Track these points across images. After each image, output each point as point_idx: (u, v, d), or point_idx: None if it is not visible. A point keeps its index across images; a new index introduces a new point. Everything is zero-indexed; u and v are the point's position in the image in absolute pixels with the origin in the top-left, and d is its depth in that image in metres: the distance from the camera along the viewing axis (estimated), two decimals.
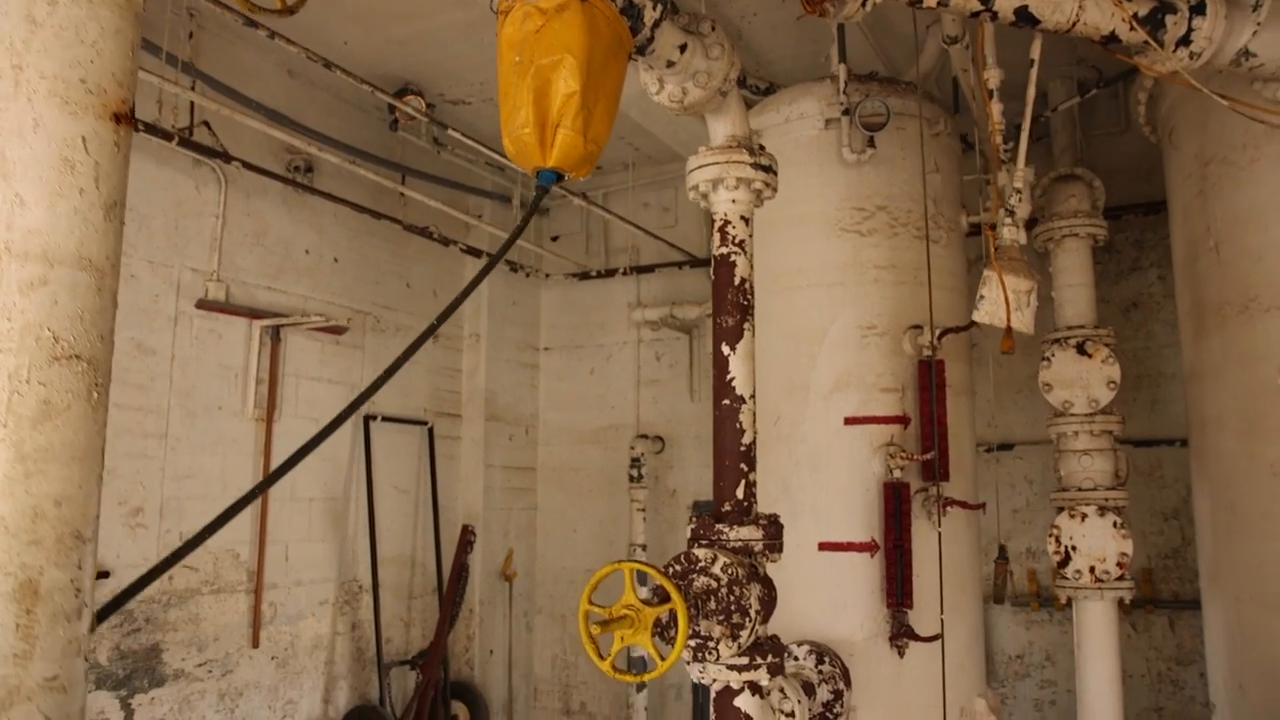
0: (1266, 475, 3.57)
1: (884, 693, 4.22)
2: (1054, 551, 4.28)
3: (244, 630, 5.77)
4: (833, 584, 4.29)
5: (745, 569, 3.11)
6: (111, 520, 5.09)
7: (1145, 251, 6.32)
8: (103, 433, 1.44)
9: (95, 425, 1.37)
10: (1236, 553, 3.77)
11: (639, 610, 2.82)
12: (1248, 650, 3.72)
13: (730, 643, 3.02)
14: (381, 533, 6.70)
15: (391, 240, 7.00)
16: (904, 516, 4.14)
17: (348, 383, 6.60)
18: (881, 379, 4.38)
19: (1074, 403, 4.28)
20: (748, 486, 3.30)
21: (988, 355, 6.70)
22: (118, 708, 5.07)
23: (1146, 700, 6.12)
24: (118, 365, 5.10)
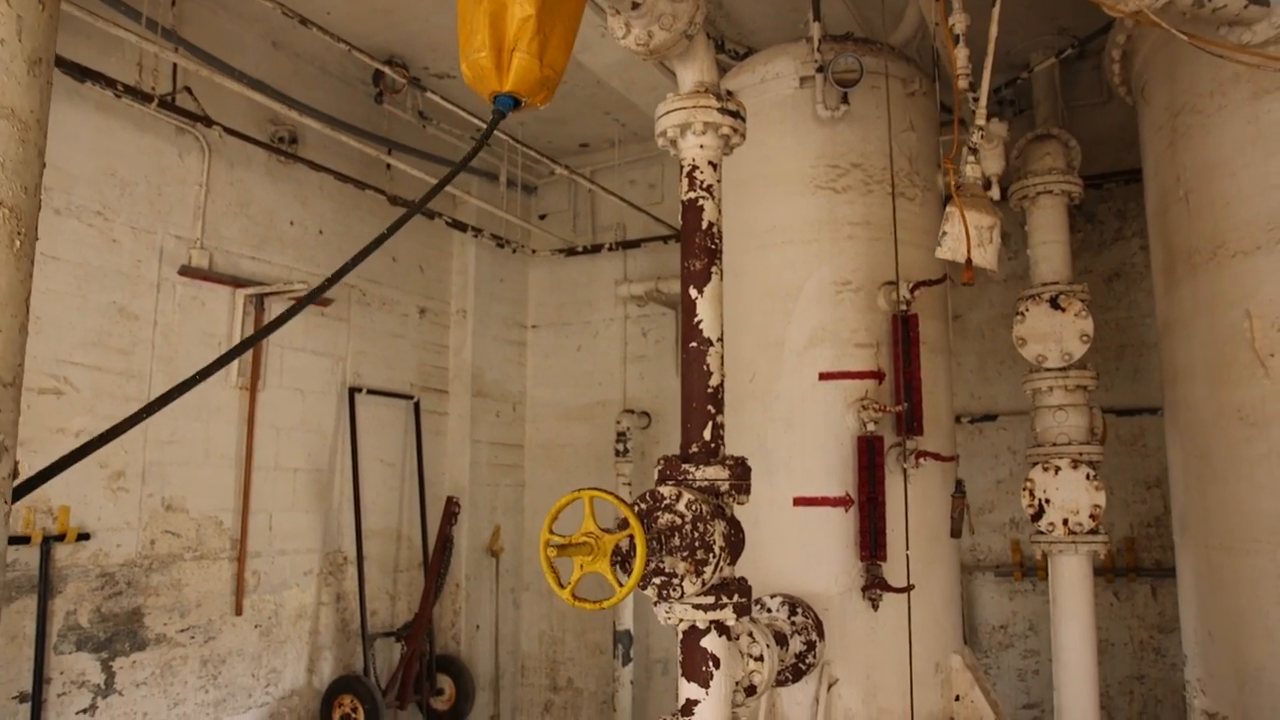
0: (1234, 420, 3.58)
1: (858, 647, 4.22)
2: (1028, 505, 4.29)
3: (227, 598, 5.79)
4: (807, 539, 4.30)
5: (710, 506, 3.12)
6: (93, 483, 5.12)
7: (1128, 221, 6.33)
8: (27, 283, 1.46)
9: (17, 273, 1.38)
10: (1206, 500, 3.77)
11: (598, 537, 2.83)
12: (1216, 597, 3.72)
13: (694, 579, 3.02)
14: (367, 505, 6.72)
15: (377, 214, 7.02)
16: (877, 469, 4.15)
17: (333, 355, 6.62)
18: (856, 335, 4.40)
19: (1047, 357, 4.29)
20: (715, 428, 3.30)
21: (970, 327, 6.72)
22: (98, 669, 5.08)
23: (1129, 668, 6.12)
24: (99, 329, 5.15)
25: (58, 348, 4.98)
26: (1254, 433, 3.47)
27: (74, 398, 5.05)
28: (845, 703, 4.22)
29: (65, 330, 5.02)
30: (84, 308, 5.11)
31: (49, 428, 4.93)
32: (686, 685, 3.19)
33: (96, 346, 5.17)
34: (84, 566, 5.05)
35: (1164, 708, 5.93)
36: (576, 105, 7.25)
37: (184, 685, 5.50)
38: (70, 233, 5.07)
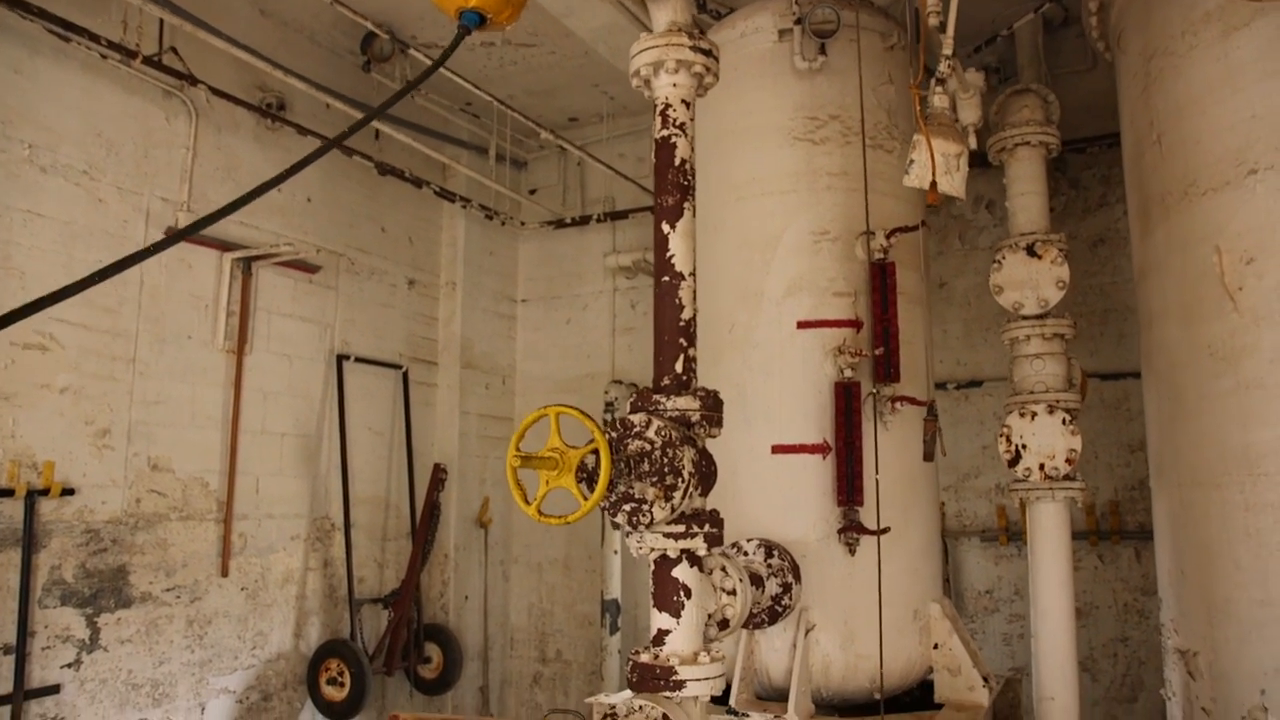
0: (1204, 356, 3.60)
1: (836, 593, 4.24)
2: (1005, 451, 4.31)
3: (213, 559, 5.81)
4: (785, 486, 4.32)
5: (680, 433, 3.13)
6: (78, 440, 5.14)
7: (1111, 187, 6.35)
8: None
9: None
10: (1179, 439, 3.79)
11: (563, 452, 2.86)
12: (1188, 534, 3.74)
13: (663, 504, 3.03)
14: (354, 473, 6.74)
15: (366, 184, 7.06)
16: (854, 414, 4.17)
17: (321, 322, 6.65)
18: (834, 283, 4.42)
19: (1024, 304, 4.31)
20: (686, 361, 3.31)
21: (956, 294, 6.74)
22: (83, 625, 5.11)
23: (1113, 631, 6.14)
24: None
25: None
26: (1223, 367, 3.49)
27: (59, 354, 5.08)
28: (823, 648, 4.23)
29: (51, 287, 5.01)
30: (70, 265, 5.13)
31: (33, 383, 4.96)
32: (658, 615, 3.22)
33: (83, 305, 5.19)
34: (69, 522, 5.07)
35: (1147, 669, 5.95)
36: (565, 77, 7.28)
37: (169, 644, 5.52)
38: (56, 191, 5.10)
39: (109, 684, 5.19)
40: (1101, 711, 6.08)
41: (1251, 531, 3.35)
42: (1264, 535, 3.31)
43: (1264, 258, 3.35)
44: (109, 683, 5.19)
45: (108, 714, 5.17)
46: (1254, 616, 3.35)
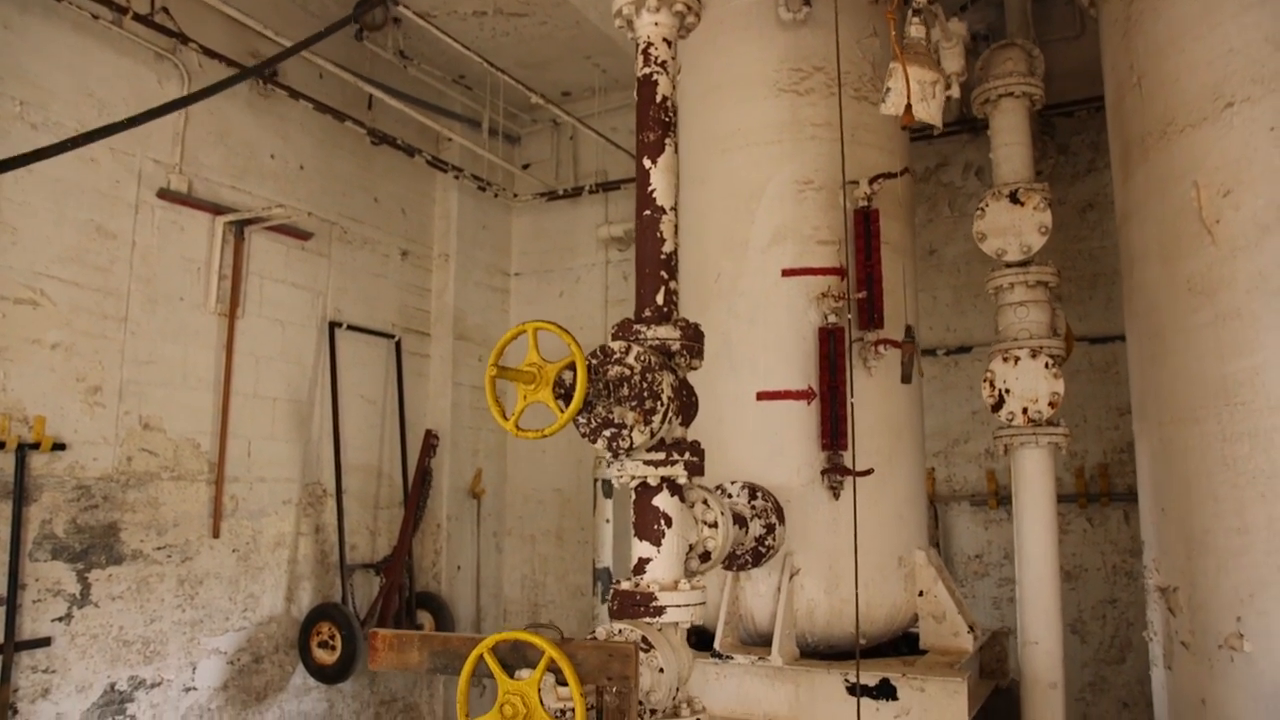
0: (1183, 291, 3.62)
1: (820, 537, 4.26)
2: (988, 396, 4.33)
3: (204, 520, 5.83)
4: (770, 432, 4.34)
5: (659, 358, 3.16)
6: (69, 396, 5.17)
7: (1100, 153, 6.36)
8: None
9: None
10: (1160, 377, 3.81)
11: (541, 367, 2.88)
12: (1168, 470, 3.76)
13: (643, 428, 3.05)
14: (347, 440, 6.77)
15: (359, 154, 7.09)
16: (838, 359, 4.19)
17: (313, 289, 6.68)
18: (819, 231, 4.44)
19: (1007, 250, 4.33)
20: (668, 294, 3.34)
21: (946, 262, 6.76)
22: (74, 580, 5.13)
23: (1101, 593, 6.15)
24: (76, 244, 5.21)
25: (34, 260, 5.04)
26: (1201, 301, 3.52)
27: (50, 310, 5.11)
28: (808, 593, 4.25)
29: (42, 244, 5.08)
30: (61, 223, 5.17)
31: (24, 338, 4.99)
32: (639, 544, 3.24)
33: (74, 262, 5.22)
34: (60, 477, 5.10)
35: (1135, 630, 5.96)
36: (557, 49, 7.32)
37: (160, 603, 5.54)
38: None
39: (100, 640, 5.21)
40: (1090, 673, 6.09)
41: (1228, 461, 3.37)
42: (1240, 464, 3.33)
43: (1240, 189, 3.37)
44: (100, 638, 5.21)
45: (99, 669, 5.19)
46: (1231, 545, 3.37)
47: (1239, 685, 3.32)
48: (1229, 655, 3.37)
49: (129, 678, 5.34)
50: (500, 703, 2.63)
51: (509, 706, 2.61)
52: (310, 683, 6.40)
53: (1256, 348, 3.28)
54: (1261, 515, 3.25)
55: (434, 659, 2.83)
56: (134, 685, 5.36)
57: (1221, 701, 3.40)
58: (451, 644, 2.82)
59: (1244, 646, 3.29)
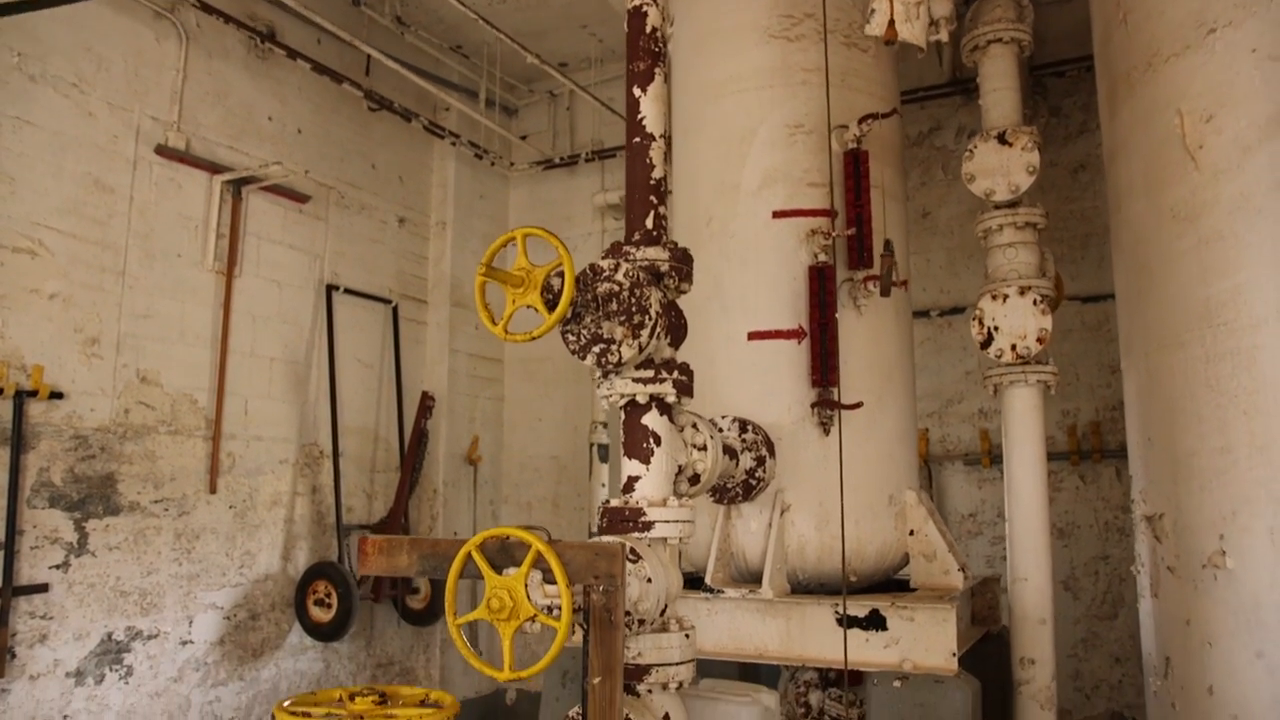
0: (1167, 220, 3.66)
1: (811, 474, 4.29)
2: (977, 333, 4.37)
3: (201, 475, 5.87)
4: (762, 371, 4.38)
5: (647, 275, 3.20)
6: (66, 346, 5.21)
7: (1091, 114, 6.40)
8: None
9: None
10: (1146, 308, 3.85)
11: (529, 271, 2.92)
12: (1154, 398, 3.80)
13: (631, 342, 3.09)
14: (344, 402, 6.80)
15: (356, 120, 7.14)
16: (828, 296, 4.23)
17: (311, 251, 6.72)
18: (809, 174, 4.48)
19: (995, 190, 4.36)
20: (657, 218, 3.38)
21: (940, 224, 6.80)
22: (71, 528, 5.16)
23: (1094, 549, 6.18)
24: (74, 197, 5.26)
25: (32, 210, 5.08)
26: (1184, 227, 3.55)
27: (48, 261, 5.15)
28: (799, 529, 4.29)
29: (40, 195, 5.12)
30: (59, 175, 5.21)
31: (23, 287, 5.03)
32: (628, 463, 3.28)
33: (72, 214, 5.27)
34: (57, 426, 5.13)
35: (1127, 586, 5.98)
36: (553, 17, 7.37)
37: (157, 555, 5.58)
38: (45, 101, 5.18)
39: (97, 589, 5.24)
40: (1083, 628, 6.12)
41: (1211, 382, 3.40)
42: (1222, 384, 3.36)
43: (1223, 113, 3.41)
44: (97, 587, 5.24)
45: (96, 618, 5.23)
46: (1214, 465, 3.40)
47: (1221, 601, 3.35)
48: (1212, 574, 3.41)
49: (126, 628, 5.37)
50: (488, 596, 2.67)
51: (496, 600, 2.65)
52: (307, 642, 6.44)
53: (1239, 267, 3.32)
54: (1243, 432, 3.29)
55: (423, 561, 2.86)
56: (131, 636, 5.39)
57: (1205, 620, 3.44)
58: (440, 547, 2.85)
59: (1226, 563, 3.32)
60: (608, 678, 2.76)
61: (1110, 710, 6.02)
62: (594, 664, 2.79)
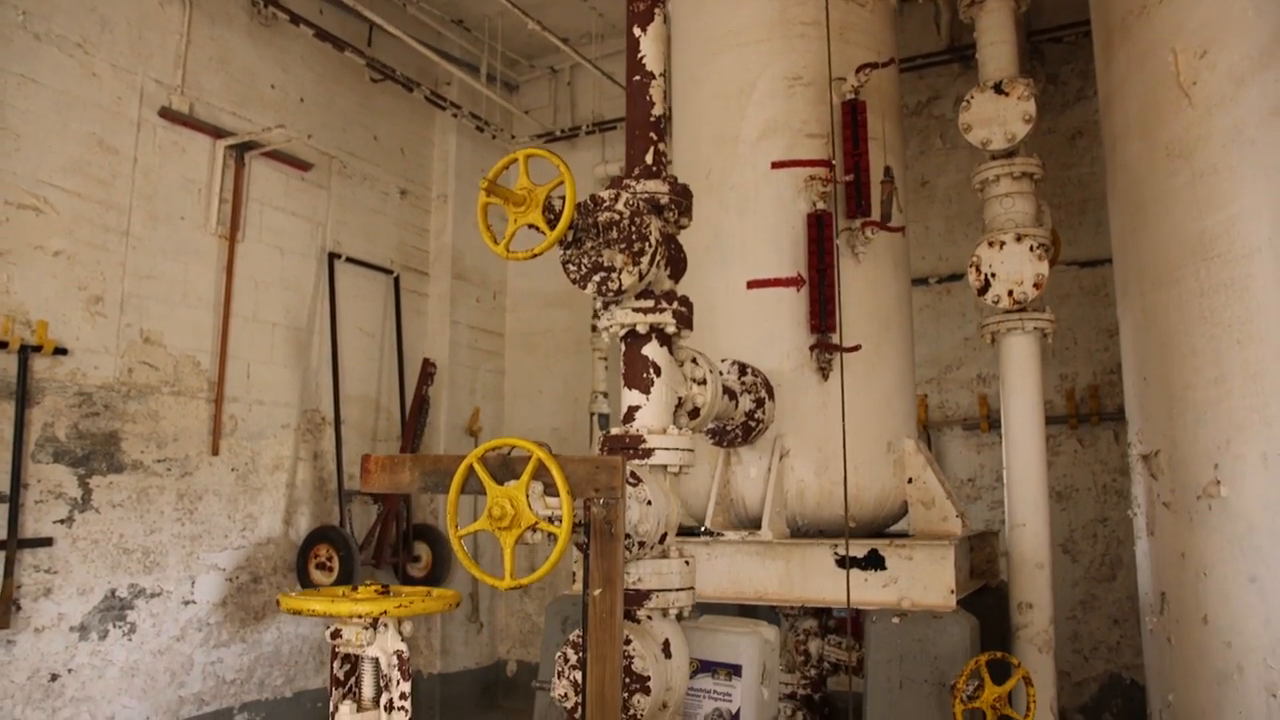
0: (1161, 158, 3.69)
1: (810, 419, 4.32)
2: (974, 280, 4.40)
3: (204, 437, 5.90)
4: (761, 319, 4.41)
5: (647, 204, 3.24)
6: (71, 303, 5.25)
7: (1089, 81, 6.44)
8: None
9: None
10: (1142, 248, 3.88)
11: (531, 190, 2.96)
12: (1150, 337, 3.83)
13: (631, 269, 3.13)
14: (345, 371, 6.84)
15: (359, 91, 7.19)
16: (826, 242, 4.26)
17: (313, 219, 6.76)
18: (807, 125, 4.52)
19: (992, 139, 4.39)
20: (657, 154, 3.42)
21: (939, 192, 6.84)
22: (75, 484, 5.20)
23: (1092, 512, 6.21)
24: (78, 156, 5.30)
25: (37, 168, 5.12)
26: (1179, 164, 3.59)
27: (53, 218, 5.19)
28: (798, 474, 4.32)
29: (45, 153, 5.16)
30: (64, 134, 5.25)
31: (28, 243, 5.07)
32: (628, 393, 3.32)
33: (76, 173, 5.31)
34: (61, 382, 5.17)
35: (1125, 547, 6.01)
36: None
37: (160, 515, 5.61)
38: (50, 59, 5.22)
39: (101, 545, 5.28)
40: (1082, 590, 6.14)
41: (1206, 314, 3.44)
42: (1217, 314, 3.40)
43: (1216, 48, 3.44)
44: (100, 544, 5.27)
45: (99, 573, 5.26)
46: (1208, 396, 3.43)
47: (1216, 530, 3.39)
48: (1207, 504, 3.44)
49: (129, 585, 5.40)
50: (489, 506, 2.70)
51: (497, 508, 2.68)
52: None
53: (1232, 199, 3.35)
54: (1237, 361, 3.32)
55: (425, 478, 2.89)
56: (134, 593, 5.42)
57: (1200, 550, 3.47)
58: (442, 463, 2.88)
59: (1220, 492, 3.36)
60: (608, 589, 2.80)
61: (1109, 671, 6.04)
62: (595, 576, 2.82)
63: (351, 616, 1.95)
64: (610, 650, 2.75)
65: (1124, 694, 5.94)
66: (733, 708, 3.42)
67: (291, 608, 1.91)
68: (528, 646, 7.83)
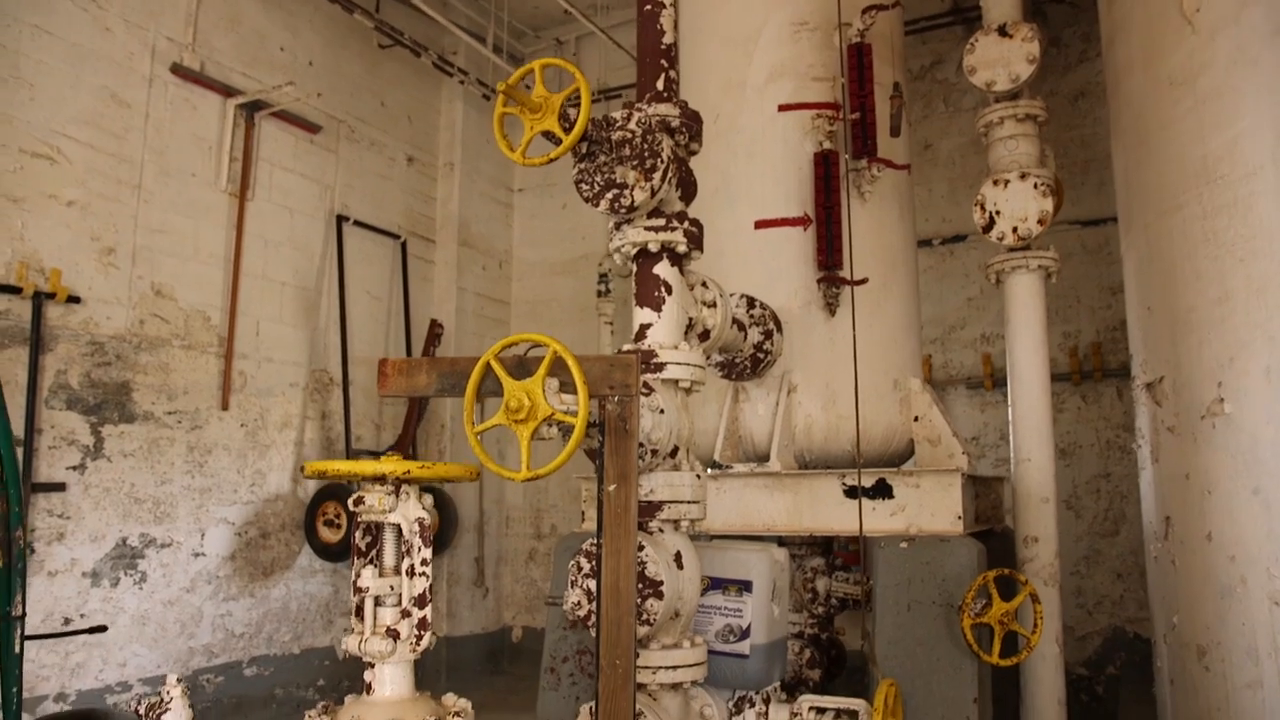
0: (1165, 87, 3.74)
1: (817, 355, 4.37)
2: (979, 218, 4.44)
3: (214, 391, 5.95)
4: (768, 257, 4.46)
5: (660, 123, 3.29)
6: (83, 253, 5.30)
7: (1092, 43, 6.52)
8: None
9: None
10: (1146, 180, 3.93)
11: (547, 98, 3.01)
12: (1154, 266, 3.87)
13: (644, 185, 3.18)
14: (353, 332, 6.89)
15: (366, 57, 7.25)
16: (833, 180, 4.31)
17: (321, 181, 6.81)
18: (813, 69, 4.57)
19: (996, 81, 4.44)
20: (668, 80, 3.47)
21: (941, 155, 6.89)
22: (88, 431, 5.24)
23: (1095, 468, 6.25)
24: (91, 108, 5.35)
25: (51, 118, 5.17)
26: (1182, 92, 3.64)
27: (66, 168, 5.24)
28: (805, 409, 4.36)
29: (58, 103, 5.22)
30: (77, 86, 5.31)
31: (41, 191, 5.12)
32: (640, 311, 3.36)
33: (89, 125, 5.36)
34: (74, 330, 5.22)
35: (1128, 502, 6.05)
36: None
37: (170, 466, 5.65)
38: (64, 11, 5.27)
39: (112, 493, 5.32)
40: (1085, 546, 6.19)
41: (1209, 235, 3.48)
42: (1220, 235, 3.44)
43: None
44: (112, 492, 5.32)
45: (111, 522, 5.30)
46: (1212, 316, 3.47)
47: (1220, 448, 3.43)
48: (1211, 424, 3.48)
49: (140, 534, 5.44)
50: (506, 400, 2.74)
51: (514, 401, 2.72)
52: (316, 565, 6.51)
53: (1235, 119, 3.40)
54: (1240, 279, 3.37)
55: (442, 380, 2.93)
56: (145, 543, 5.47)
57: (1204, 469, 3.51)
58: (458, 365, 2.92)
59: (1224, 410, 3.40)
60: (623, 485, 2.84)
61: (1112, 625, 6.08)
62: (610, 472, 2.86)
63: (375, 476, 1.99)
64: (625, 544, 2.79)
65: (1127, 647, 5.98)
66: (743, 623, 3.45)
67: (316, 469, 1.96)
68: (533, 613, 7.87)
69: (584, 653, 4.43)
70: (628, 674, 2.66)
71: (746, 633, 3.45)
